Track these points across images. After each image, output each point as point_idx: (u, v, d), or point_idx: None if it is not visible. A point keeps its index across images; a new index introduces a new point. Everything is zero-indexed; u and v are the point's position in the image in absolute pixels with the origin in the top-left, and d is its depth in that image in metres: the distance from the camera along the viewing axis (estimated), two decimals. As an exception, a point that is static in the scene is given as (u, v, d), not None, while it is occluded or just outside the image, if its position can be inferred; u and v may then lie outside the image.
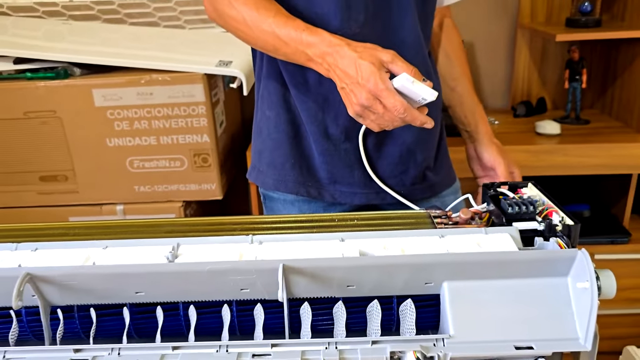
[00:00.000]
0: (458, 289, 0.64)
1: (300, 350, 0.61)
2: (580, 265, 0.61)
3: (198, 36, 1.78)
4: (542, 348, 0.61)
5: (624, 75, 1.73)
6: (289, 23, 0.78)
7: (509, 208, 0.71)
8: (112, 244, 0.70)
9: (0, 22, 1.80)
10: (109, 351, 0.62)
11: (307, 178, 0.95)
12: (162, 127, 1.50)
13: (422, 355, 0.60)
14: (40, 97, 1.50)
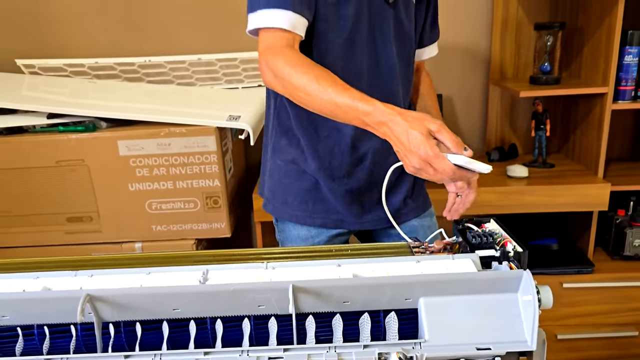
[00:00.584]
0: (431, 303, 0.78)
1: (307, 354, 0.74)
2: (525, 282, 0.76)
3: (208, 93, 1.96)
4: (497, 349, 0.75)
5: (583, 125, 1.92)
6: (345, 93, 0.88)
7: (473, 239, 0.86)
8: (154, 270, 0.84)
9: (31, 80, 1.98)
10: (152, 357, 0.76)
11: (313, 211, 1.13)
12: (179, 173, 1.66)
13: (403, 355, 0.74)
14: (70, 147, 1.66)
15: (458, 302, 0.77)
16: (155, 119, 1.64)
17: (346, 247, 0.94)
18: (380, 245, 0.95)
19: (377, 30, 1.06)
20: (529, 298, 0.75)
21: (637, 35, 1.72)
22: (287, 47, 0.94)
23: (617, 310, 1.85)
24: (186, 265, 0.86)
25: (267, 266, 0.84)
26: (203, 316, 0.80)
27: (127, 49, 2.03)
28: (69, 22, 2.02)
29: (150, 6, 2.01)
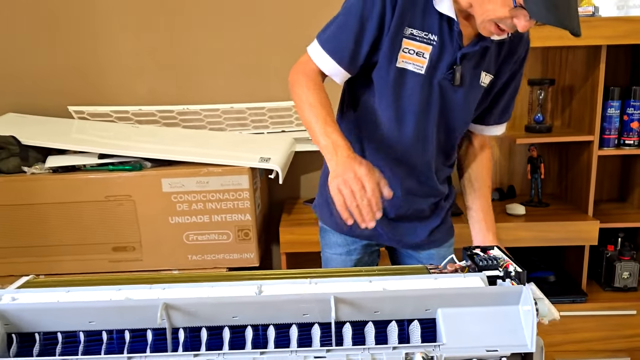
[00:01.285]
0: (447, 313, 0.92)
1: (346, 354, 0.89)
2: (525, 295, 0.91)
3: (237, 137, 2.14)
4: (503, 350, 0.89)
5: (573, 168, 2.09)
6: (319, 124, 1.09)
7: (480, 262, 1.01)
8: (217, 284, 0.99)
9: (81, 124, 2.17)
10: (216, 355, 0.90)
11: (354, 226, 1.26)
12: (214, 208, 1.82)
13: (426, 355, 0.88)
14: (119, 184, 1.83)
15: (469, 312, 0.92)
16: (196, 160, 1.81)
17: (373, 268, 1.09)
18: (403, 267, 1.10)
19: (431, 106, 1.18)
20: (528, 308, 0.90)
21: (618, 91, 1.91)
22: (314, 74, 1.16)
23: (611, 337, 1.97)
24: (242, 280, 1.01)
25: (310, 282, 0.99)
26: (257, 323, 0.94)
27: (165, 97, 2.22)
28: (116, 73, 2.22)
29: (187, 60, 2.21)
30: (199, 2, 2.16)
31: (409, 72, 1.15)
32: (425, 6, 1.11)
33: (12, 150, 1.88)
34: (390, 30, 1.11)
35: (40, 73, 2.22)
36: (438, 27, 1.12)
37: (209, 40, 2.19)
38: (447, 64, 1.14)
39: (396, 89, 1.16)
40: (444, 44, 1.13)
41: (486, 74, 1.20)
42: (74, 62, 2.21)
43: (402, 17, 1.11)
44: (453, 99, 1.18)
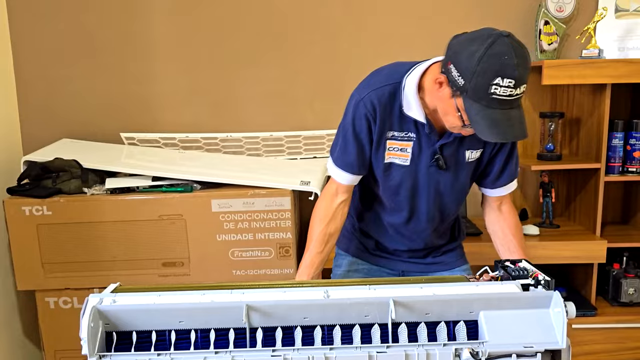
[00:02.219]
0: (489, 315, 1.06)
1: (403, 350, 1.02)
2: (555, 300, 1.05)
3: (274, 162, 2.29)
4: (538, 347, 1.03)
5: (582, 193, 2.24)
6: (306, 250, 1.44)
7: (513, 272, 1.15)
8: (289, 289, 1.13)
9: (130, 150, 2.33)
10: (291, 351, 1.04)
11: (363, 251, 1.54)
12: (258, 227, 1.96)
13: (473, 351, 1.02)
14: (171, 205, 1.97)
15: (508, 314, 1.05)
16: (243, 183, 1.96)
17: (420, 278, 1.22)
18: (446, 277, 1.24)
19: (425, 187, 1.39)
20: (558, 310, 1.04)
21: (621, 124, 2.07)
22: (331, 195, 1.43)
23: (618, 349, 2.09)
24: (308, 287, 1.15)
25: (369, 287, 1.13)
26: (325, 324, 1.08)
27: (208, 124, 2.38)
28: (165, 103, 2.39)
29: (229, 91, 2.39)
30: (241, 40, 2.34)
31: (395, 165, 1.36)
32: (400, 113, 1.32)
33: (74, 173, 2.03)
34: (376, 136, 1.34)
35: (94, 101, 2.38)
36: (414, 126, 1.32)
37: (249, 74, 2.36)
38: (430, 153, 1.34)
39: (386, 179, 1.39)
40: (421, 138, 1.33)
41: (472, 151, 1.37)
42: (126, 91, 2.38)
43: (383, 125, 1.32)
44: (443, 181, 1.38)
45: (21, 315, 2.25)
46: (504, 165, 1.41)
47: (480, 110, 1.14)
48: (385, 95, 1.31)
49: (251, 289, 1.14)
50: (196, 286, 1.21)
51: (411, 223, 1.45)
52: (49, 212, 1.96)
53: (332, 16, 2.31)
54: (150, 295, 1.12)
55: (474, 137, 1.27)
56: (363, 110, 1.32)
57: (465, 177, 1.40)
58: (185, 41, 2.35)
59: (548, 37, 2.18)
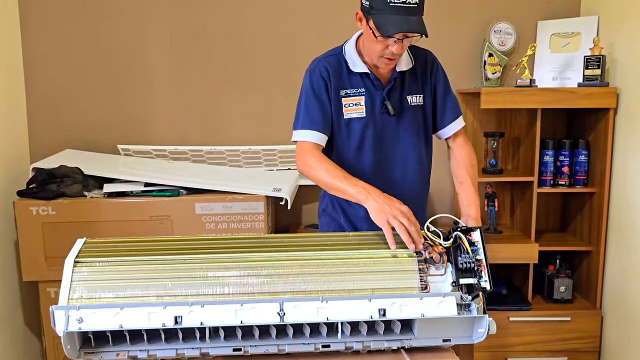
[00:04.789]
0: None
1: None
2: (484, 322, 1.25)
3: (253, 172, 2.61)
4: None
5: (521, 203, 2.57)
6: (339, 180, 1.45)
7: (461, 264, 1.28)
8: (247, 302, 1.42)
9: (126, 159, 2.64)
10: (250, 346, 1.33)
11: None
12: (236, 227, 2.27)
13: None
14: (160, 207, 2.28)
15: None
16: (223, 189, 2.28)
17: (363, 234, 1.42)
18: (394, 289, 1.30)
19: (382, 135, 1.60)
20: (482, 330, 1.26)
21: (552, 143, 2.42)
22: (312, 150, 1.54)
23: (551, 340, 2.40)
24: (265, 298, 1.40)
25: (322, 299, 1.38)
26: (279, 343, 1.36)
27: (195, 138, 2.70)
28: (157, 119, 2.71)
29: (214, 111, 2.71)
30: (227, 67, 2.67)
31: (354, 119, 1.59)
32: (347, 72, 1.58)
33: (77, 179, 2.34)
34: (333, 97, 1.58)
35: (95, 116, 2.70)
36: (361, 81, 1.58)
37: (233, 96, 2.69)
38: (380, 102, 1.58)
39: (350, 135, 1.60)
40: (370, 90, 1.58)
41: (413, 96, 1.62)
42: (123, 109, 2.69)
43: (337, 86, 1.58)
44: (396, 124, 1.60)
45: (23, 306, 2.53)
46: (444, 102, 1.65)
47: (383, 18, 1.41)
48: (332, 61, 1.59)
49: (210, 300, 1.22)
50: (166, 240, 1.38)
51: (378, 174, 1.60)
52: (54, 212, 2.26)
53: (306, 48, 2.65)
54: (113, 309, 1.19)
55: (411, 83, 1.60)
56: (318, 73, 1.57)
57: (413, 120, 1.61)
58: (177, 67, 2.68)
59: (492, 67, 2.53)
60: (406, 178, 1.66)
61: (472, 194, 1.61)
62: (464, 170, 1.65)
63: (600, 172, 2.36)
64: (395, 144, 1.63)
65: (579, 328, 2.38)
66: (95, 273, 1.27)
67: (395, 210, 1.34)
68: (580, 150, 2.42)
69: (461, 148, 1.69)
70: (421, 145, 1.67)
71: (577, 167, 2.43)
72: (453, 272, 1.30)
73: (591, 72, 2.30)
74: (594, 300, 2.42)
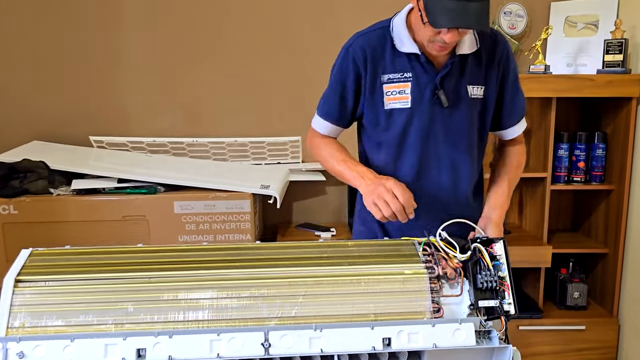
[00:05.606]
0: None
1: None
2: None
3: (239, 167, 2.41)
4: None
5: (532, 201, 2.38)
6: (342, 164, 1.33)
7: (481, 282, 1.10)
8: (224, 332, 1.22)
9: (99, 152, 2.42)
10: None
11: None
12: (219, 228, 2.07)
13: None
14: (135, 206, 2.07)
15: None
16: (204, 186, 2.07)
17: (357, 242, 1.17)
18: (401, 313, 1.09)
19: (430, 131, 1.32)
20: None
21: (567, 135, 2.23)
22: (322, 136, 1.43)
23: (564, 350, 2.23)
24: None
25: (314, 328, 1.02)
26: None
27: (176, 130, 2.49)
28: (134, 108, 2.49)
29: (197, 98, 2.50)
30: (213, 51, 2.46)
31: (396, 110, 1.32)
32: (392, 53, 1.31)
33: (42, 174, 2.12)
34: (368, 83, 1.32)
35: (65, 105, 2.48)
36: (409, 64, 1.30)
37: (215, 81, 2.48)
38: (431, 89, 1.30)
39: (389, 128, 1.34)
40: (419, 77, 1.30)
41: (474, 87, 1.33)
42: (97, 96, 2.48)
43: (375, 69, 1.31)
44: (449, 118, 1.32)
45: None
46: (512, 99, 1.38)
47: (435, 4, 1.15)
48: (374, 38, 1.32)
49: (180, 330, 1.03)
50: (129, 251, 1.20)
51: (422, 179, 1.36)
52: (15, 212, 2.05)
53: (299, 33, 2.44)
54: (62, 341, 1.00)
55: (473, 71, 1.31)
56: (352, 54, 1.32)
57: (470, 115, 1.33)
58: (156, 49, 2.46)
59: (501, 53, 2.33)
60: (457, 186, 1.39)
61: (502, 195, 1.39)
62: (507, 168, 1.45)
63: (620, 167, 2.17)
64: (446, 143, 1.35)
65: (594, 338, 2.21)
66: (40, 295, 1.05)
67: (381, 188, 1.21)
68: (598, 144, 2.23)
69: (515, 150, 1.47)
70: (475, 147, 1.40)
71: (593, 162, 2.24)
72: (471, 292, 1.11)
73: (612, 58, 2.11)
74: (610, 307, 2.25)
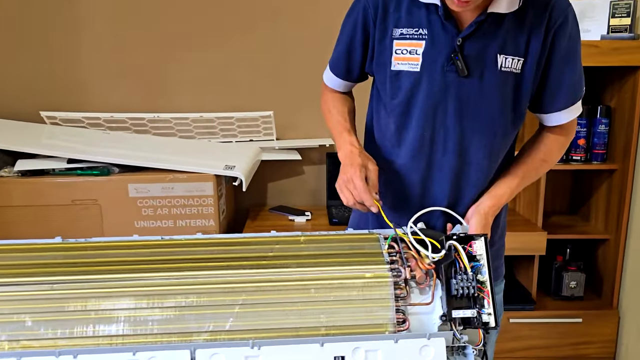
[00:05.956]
0: None
1: None
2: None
3: (206, 145, 2.20)
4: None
5: (526, 182, 2.19)
6: (335, 133, 1.18)
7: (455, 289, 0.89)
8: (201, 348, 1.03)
9: (51, 129, 2.21)
10: None
11: None
12: (179, 214, 1.87)
13: None
14: (85, 189, 1.87)
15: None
16: (162, 166, 1.87)
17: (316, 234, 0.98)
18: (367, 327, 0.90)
19: (439, 104, 1.07)
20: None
21: (566, 109, 2.02)
22: (331, 90, 1.28)
23: (558, 344, 2.06)
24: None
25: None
26: None
27: (138, 105, 2.28)
28: (90, 81, 2.28)
29: (159, 69, 2.28)
30: (173, 16, 2.23)
31: (403, 73, 1.08)
32: (409, 3, 1.08)
33: (-18, 154, 1.92)
34: (377, 35, 1.11)
35: (11, 76, 2.26)
36: (426, 20, 1.06)
37: (180, 52, 2.26)
38: (447, 52, 1.05)
39: (393, 95, 1.10)
40: (435, 36, 1.05)
41: (507, 58, 1.05)
42: (48, 68, 2.26)
43: (387, 18, 1.09)
44: (466, 92, 1.06)
45: None
46: (560, 76, 1.07)
47: None
48: None
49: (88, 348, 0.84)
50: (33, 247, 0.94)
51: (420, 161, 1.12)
52: (-49, 195, 1.85)
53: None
54: None
55: (512, 33, 1.03)
56: (363, 2, 1.12)
57: (498, 92, 1.05)
58: (115, 15, 2.23)
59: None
60: (466, 178, 1.12)
61: (508, 186, 1.13)
62: (531, 157, 1.15)
63: (624, 145, 1.97)
64: (458, 122, 1.08)
65: (591, 331, 2.05)
66: None
67: (347, 175, 1.06)
68: (600, 119, 2.03)
69: (552, 140, 1.15)
70: (499, 133, 1.10)
71: (595, 139, 2.04)
72: (444, 299, 0.92)
73: (618, 22, 1.89)
74: (609, 298, 2.08)
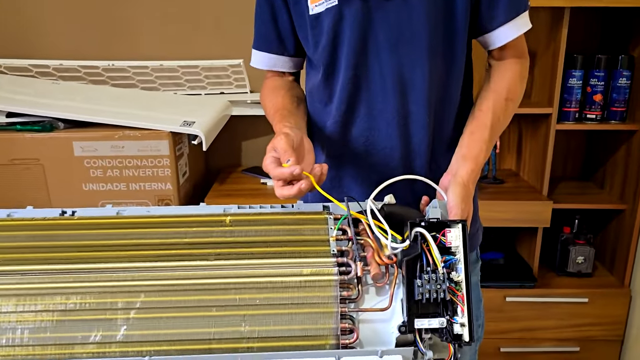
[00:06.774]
0: None
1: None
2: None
3: (169, 98, 1.97)
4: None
5: (531, 143, 1.95)
6: (275, 119, 0.96)
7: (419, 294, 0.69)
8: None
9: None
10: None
11: None
12: (132, 176, 1.67)
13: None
14: (26, 146, 1.67)
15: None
16: (110, 122, 1.65)
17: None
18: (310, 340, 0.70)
19: (368, 36, 0.93)
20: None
21: (581, 59, 1.76)
22: (269, 79, 1.09)
23: (560, 325, 1.88)
24: None
25: None
26: None
27: (92, 52, 2.04)
28: (37, 24, 2.04)
29: (116, 11, 2.03)
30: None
31: (323, 13, 0.93)
32: None
33: None
34: None
35: (-49, 19, 2.02)
36: None
37: (140, -11, 2.00)
38: None
39: (317, 38, 0.96)
40: None
41: None
42: (-12, 8, 2.01)
43: None
44: (394, 16, 0.91)
45: None
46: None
47: None
48: None
49: None
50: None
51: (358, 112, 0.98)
52: None
53: None
54: None
55: None
56: None
57: (429, 11, 0.91)
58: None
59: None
60: (411, 120, 0.97)
61: (480, 140, 0.93)
62: (492, 98, 0.96)
63: (647, 102, 1.73)
64: (394, 52, 0.93)
65: (598, 312, 1.86)
66: None
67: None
68: (621, 71, 1.77)
69: (507, 68, 1.00)
70: (439, 63, 0.96)
71: (614, 95, 1.79)
72: (404, 304, 0.70)
73: (649, -47, 1.61)
74: (621, 275, 1.87)
